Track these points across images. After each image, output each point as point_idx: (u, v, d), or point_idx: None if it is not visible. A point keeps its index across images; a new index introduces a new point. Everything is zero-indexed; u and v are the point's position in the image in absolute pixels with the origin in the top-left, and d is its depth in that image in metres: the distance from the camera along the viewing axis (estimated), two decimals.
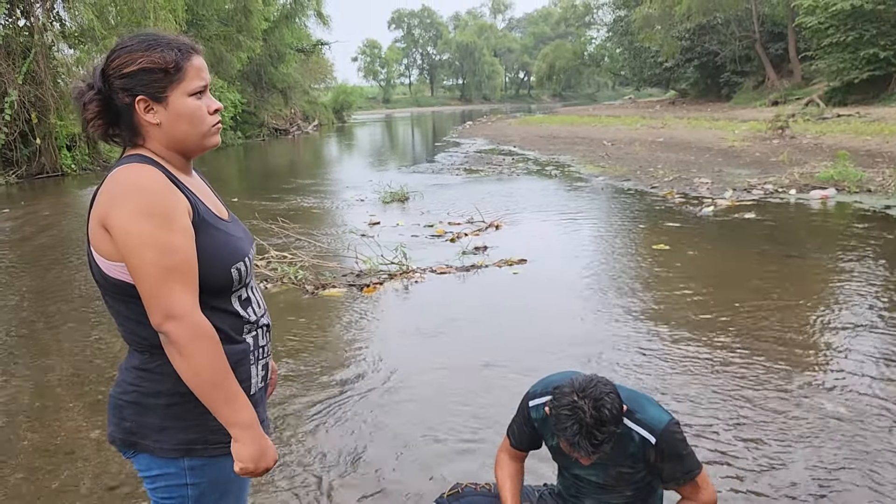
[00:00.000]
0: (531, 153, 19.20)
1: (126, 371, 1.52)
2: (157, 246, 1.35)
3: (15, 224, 10.70)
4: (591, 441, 1.92)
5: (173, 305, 1.35)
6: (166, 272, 1.35)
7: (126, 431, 1.50)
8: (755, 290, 5.52)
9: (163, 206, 1.38)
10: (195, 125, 1.49)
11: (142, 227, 1.35)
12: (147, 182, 1.39)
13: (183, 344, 1.36)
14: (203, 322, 1.39)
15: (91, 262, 1.47)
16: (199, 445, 1.48)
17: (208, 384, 1.39)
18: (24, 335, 5.29)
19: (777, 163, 13.06)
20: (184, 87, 1.46)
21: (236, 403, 1.42)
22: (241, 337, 1.53)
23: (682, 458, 2.05)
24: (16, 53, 17.01)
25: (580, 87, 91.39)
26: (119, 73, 1.44)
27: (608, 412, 1.91)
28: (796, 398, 3.63)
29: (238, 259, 1.50)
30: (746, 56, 37.00)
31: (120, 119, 1.48)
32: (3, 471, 3.23)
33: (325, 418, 3.66)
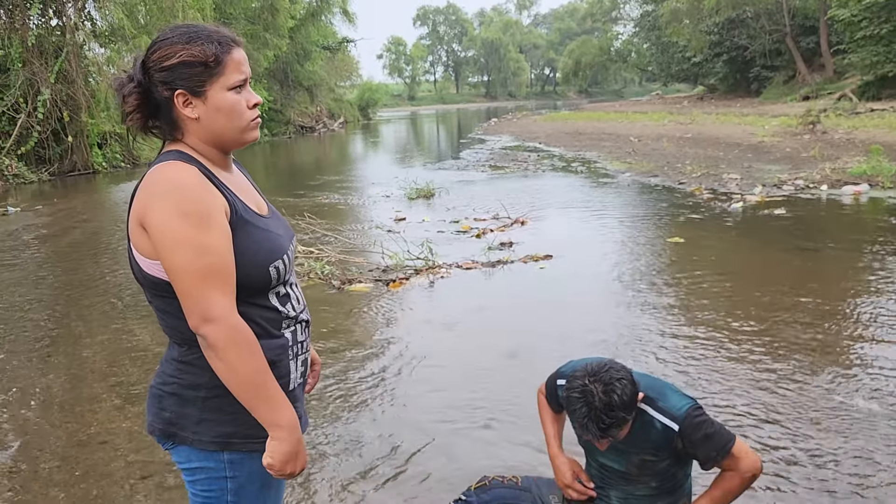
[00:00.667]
0: (556, 150, 19.11)
1: (166, 363, 1.52)
2: (193, 246, 1.33)
3: (49, 220, 10.91)
4: (598, 424, 1.96)
5: (210, 308, 1.34)
6: (202, 273, 1.34)
7: (165, 422, 1.49)
8: (785, 285, 5.44)
9: (199, 205, 1.36)
10: (234, 120, 1.46)
11: (177, 226, 1.33)
12: (184, 180, 1.38)
13: (220, 347, 1.35)
14: (240, 325, 1.37)
15: (131, 259, 1.47)
16: (237, 439, 1.47)
17: (246, 386, 1.38)
18: (59, 328, 5.39)
19: (808, 158, 12.85)
20: (223, 81, 1.44)
21: (276, 404, 1.41)
22: (279, 332, 1.51)
23: (711, 437, 2.03)
24: (48, 53, 17.32)
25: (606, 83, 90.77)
26: (159, 66, 1.42)
27: (617, 397, 1.94)
28: (826, 393, 3.57)
29: (276, 257, 1.48)
30: (777, 50, 36.43)
31: (159, 112, 1.47)
32: (38, 459, 3.30)
33: (350, 409, 3.69)
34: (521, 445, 3.22)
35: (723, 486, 2.09)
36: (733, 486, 2.07)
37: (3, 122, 16.87)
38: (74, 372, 4.46)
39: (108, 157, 19.16)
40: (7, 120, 16.91)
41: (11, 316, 5.70)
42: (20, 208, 12.12)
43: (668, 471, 2.13)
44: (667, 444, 2.05)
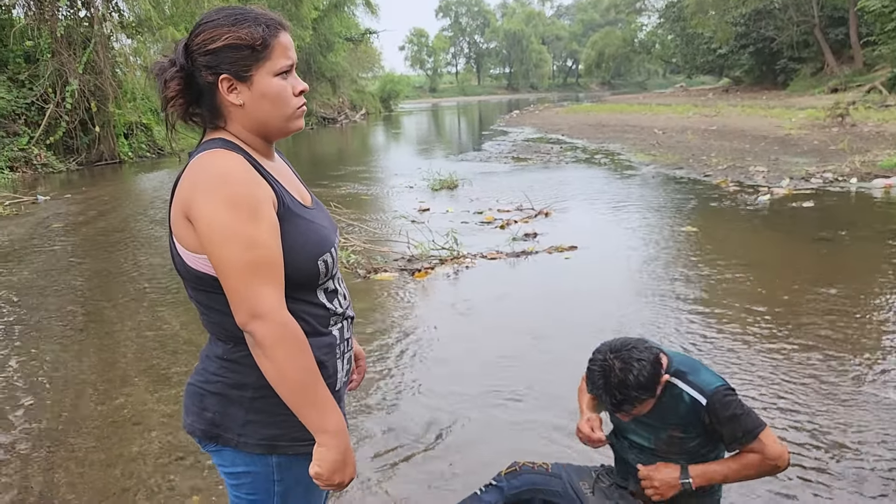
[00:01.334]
0: (579, 141, 19.01)
1: (208, 360, 1.45)
2: (242, 240, 1.27)
3: (78, 208, 11.08)
4: (611, 398, 2.03)
5: (259, 304, 1.27)
6: (251, 268, 1.27)
7: (208, 423, 1.43)
8: (813, 278, 5.39)
9: (248, 196, 1.29)
10: (279, 107, 1.39)
11: (225, 219, 1.26)
12: (231, 170, 1.31)
13: (269, 345, 1.28)
14: (290, 322, 1.30)
15: (173, 252, 1.40)
16: (284, 442, 1.40)
17: (295, 387, 1.31)
18: (91, 313, 5.49)
19: (836, 151, 12.67)
20: (270, 65, 1.37)
21: (324, 408, 1.34)
22: (326, 329, 1.45)
23: (739, 417, 2.02)
24: (76, 44, 17.52)
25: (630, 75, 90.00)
26: (203, 50, 1.35)
27: (633, 377, 1.99)
28: (855, 385, 3.54)
29: (324, 250, 1.42)
30: (804, 42, 35.86)
31: (202, 98, 1.40)
32: (75, 439, 3.38)
33: (376, 395, 3.72)
34: (552, 430, 3.23)
35: (742, 460, 2.07)
36: (752, 463, 2.05)
37: (33, 113, 17.12)
38: (107, 356, 4.54)
39: (134, 147, 19.38)
40: (36, 110, 17.16)
41: (44, 302, 5.81)
42: (49, 197, 12.32)
43: (698, 451, 2.13)
44: (695, 418, 2.06)
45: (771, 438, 2.05)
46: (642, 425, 2.17)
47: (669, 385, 2.09)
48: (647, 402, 2.07)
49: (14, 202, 11.43)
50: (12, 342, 4.83)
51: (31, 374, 4.25)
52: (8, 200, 11.44)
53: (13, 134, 16.47)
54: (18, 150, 16.27)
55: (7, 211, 10.62)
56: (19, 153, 16.24)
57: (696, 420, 2.06)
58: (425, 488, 2.85)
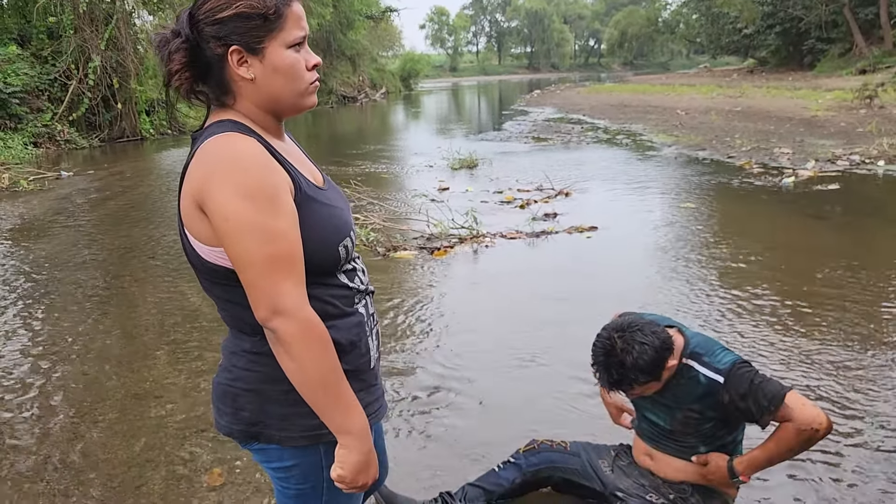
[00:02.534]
0: (601, 122, 18.82)
1: (234, 356, 1.38)
2: (261, 232, 1.19)
3: (100, 184, 11.18)
4: (608, 376, 2.05)
5: (280, 299, 1.21)
6: (271, 261, 1.20)
7: (246, 422, 1.37)
8: (839, 261, 5.31)
9: (265, 185, 1.21)
10: (293, 81, 1.31)
11: (243, 210, 1.19)
12: (247, 156, 1.22)
13: (292, 342, 1.22)
14: (313, 317, 1.24)
15: (185, 244, 1.32)
16: (325, 429, 1.34)
17: (318, 386, 1.26)
18: (113, 287, 5.55)
19: (864, 133, 12.43)
20: (283, 36, 1.28)
21: (348, 407, 1.29)
22: (352, 308, 1.39)
23: (760, 386, 1.96)
24: (98, 20, 17.58)
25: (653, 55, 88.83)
26: (211, 19, 1.26)
27: (632, 359, 1.99)
28: (881, 370, 3.50)
29: (345, 234, 1.36)
30: (833, 22, 35.07)
31: (209, 73, 1.30)
32: (99, 410, 3.43)
33: (398, 372, 3.74)
34: (571, 411, 3.23)
35: (778, 436, 1.96)
36: (789, 436, 1.92)
37: (56, 89, 17.25)
38: (129, 329, 4.60)
39: (155, 124, 19.49)
40: (59, 86, 17.28)
41: (68, 276, 5.88)
42: (73, 173, 12.43)
43: (713, 433, 2.12)
44: (713, 399, 2.03)
45: (799, 401, 1.93)
46: (659, 405, 2.16)
47: (686, 367, 2.07)
48: (650, 385, 2.06)
49: (38, 177, 11.55)
50: (35, 315, 4.90)
51: (54, 345, 4.32)
52: (32, 175, 11.57)
53: (37, 110, 16.62)
54: (42, 125, 16.43)
55: (31, 186, 10.74)
56: (43, 129, 16.40)
57: (713, 401, 2.03)
58: (448, 457, 2.86)
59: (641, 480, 2.25)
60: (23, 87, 16.12)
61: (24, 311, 4.99)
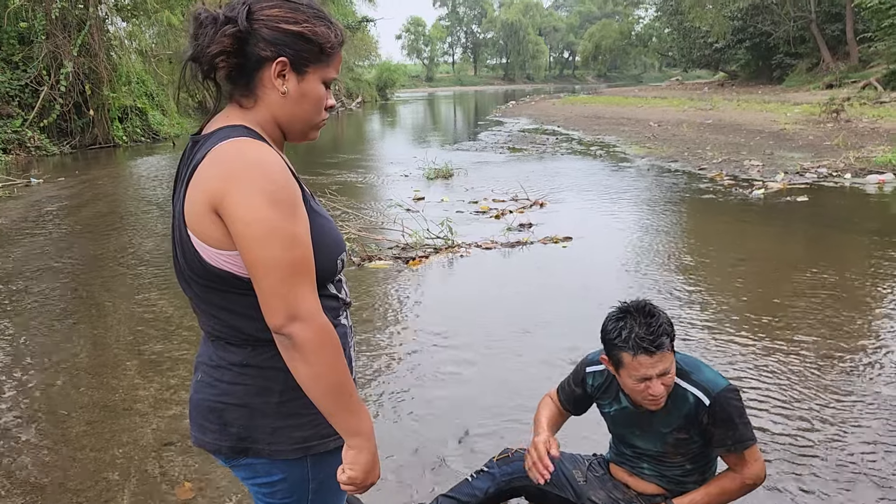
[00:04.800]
0: (575, 133, 18.99)
1: (220, 370, 1.35)
2: (285, 238, 1.20)
3: (71, 192, 11.01)
4: (647, 329, 1.94)
5: (299, 305, 1.21)
6: (293, 268, 1.21)
7: (234, 438, 1.35)
8: (806, 272, 5.41)
9: (288, 192, 1.22)
10: (312, 113, 1.36)
11: (270, 215, 1.19)
12: (270, 163, 1.23)
13: (309, 349, 1.22)
14: (328, 324, 1.25)
15: (185, 247, 1.29)
16: (315, 441, 1.36)
17: (333, 390, 1.26)
18: (83, 297, 5.46)
19: (831, 146, 12.69)
20: (324, 72, 1.34)
21: (359, 411, 1.31)
22: (337, 320, 1.39)
23: (736, 425, 2.02)
24: (71, 26, 17.35)
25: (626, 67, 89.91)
26: (275, 25, 1.28)
27: (659, 312, 1.99)
28: (846, 378, 3.56)
29: (343, 248, 1.40)
30: (801, 37, 35.84)
31: (242, 70, 1.30)
32: (66, 423, 3.37)
33: (367, 386, 3.72)
34: None
35: (722, 484, 2.10)
36: (733, 488, 2.08)
37: (27, 95, 16.97)
38: (99, 340, 4.53)
39: (129, 131, 19.24)
40: (30, 92, 17.01)
41: (37, 285, 5.78)
42: (43, 180, 12.23)
43: (703, 452, 2.14)
44: (695, 418, 2.05)
45: (755, 455, 2.06)
46: (650, 431, 2.15)
47: (674, 385, 2.08)
48: (672, 360, 2.00)
49: (7, 184, 11.35)
50: (2, 324, 4.81)
51: (23, 356, 4.24)
52: (1, 183, 11.36)
53: (6, 116, 16.34)
54: (12, 132, 16.14)
55: (0, 193, 10.56)
56: (13, 135, 16.11)
57: (696, 420, 2.05)
58: (420, 470, 2.86)
59: (615, 493, 2.27)
60: None
61: None
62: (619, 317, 2.02)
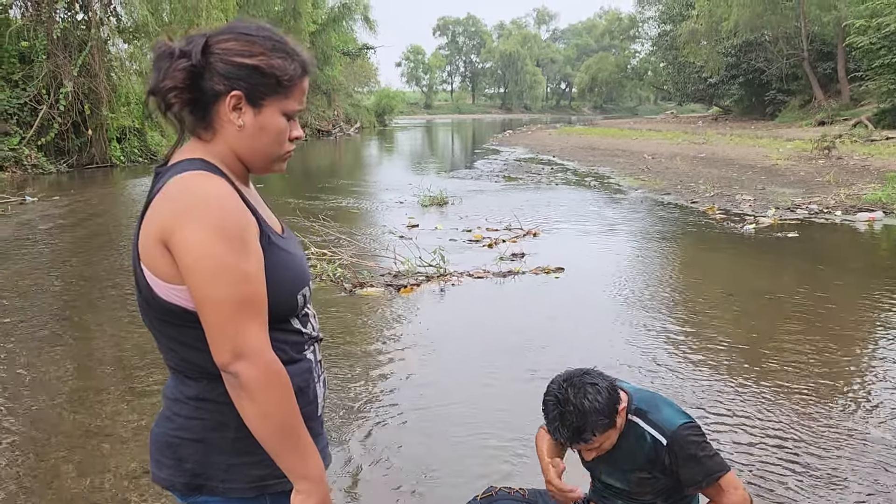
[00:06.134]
0: (570, 163, 19.12)
1: (177, 403, 1.32)
2: (233, 274, 1.18)
3: (65, 211, 10.99)
4: (567, 427, 1.96)
5: (245, 343, 1.18)
6: (240, 305, 1.18)
7: (189, 474, 1.31)
8: (795, 309, 5.42)
9: (239, 227, 1.20)
10: (273, 145, 1.32)
11: (217, 251, 1.17)
12: (221, 197, 1.21)
13: (255, 388, 1.19)
14: (276, 362, 1.22)
15: (139, 280, 1.28)
16: (272, 480, 1.31)
17: (278, 431, 1.22)
18: (70, 319, 5.43)
19: (822, 183, 12.80)
20: (285, 103, 1.30)
21: (307, 453, 1.26)
22: (301, 355, 1.36)
23: (699, 459, 1.98)
24: (72, 46, 17.49)
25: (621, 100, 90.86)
26: (228, 59, 1.25)
27: (588, 402, 1.94)
28: (835, 420, 3.55)
29: (304, 283, 1.35)
30: (793, 74, 36.32)
31: (198, 103, 1.28)
32: (45, 448, 3.33)
33: (355, 416, 3.69)
34: (527, 459, 3.21)
35: None
36: None
37: (25, 113, 17.04)
38: (83, 363, 4.49)
39: (126, 151, 19.30)
40: (29, 111, 17.08)
41: (24, 304, 5.74)
42: (38, 198, 12.22)
43: (672, 489, 2.11)
44: (657, 458, 2.02)
45: (732, 484, 1.99)
46: (613, 468, 2.13)
47: (633, 425, 2.05)
48: (608, 435, 2.01)
49: (1, 202, 11.33)
50: None
51: (5, 378, 4.19)
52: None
53: (4, 134, 16.39)
54: (9, 149, 16.18)
55: None
56: (10, 153, 16.15)
57: (658, 460, 2.03)
58: None
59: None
60: None
61: None
62: (551, 400, 2.01)
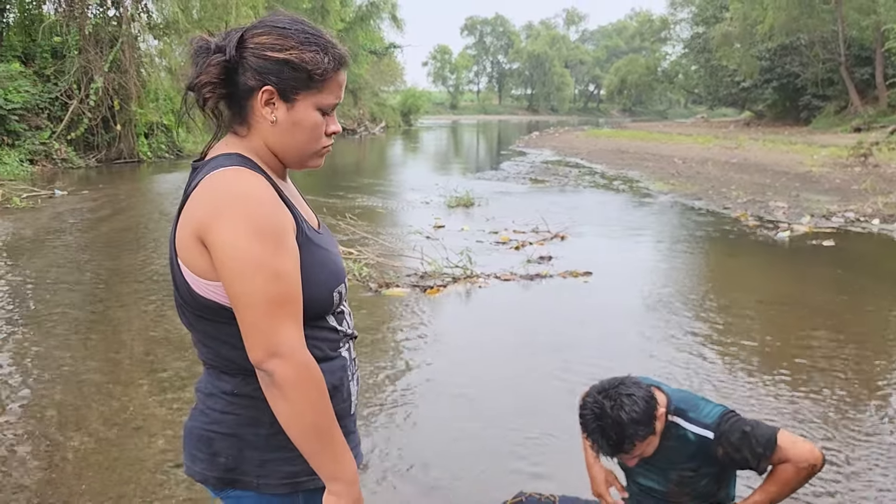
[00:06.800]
0: (598, 166, 18.96)
1: (212, 398, 1.33)
2: (268, 272, 1.18)
3: (93, 205, 11.12)
4: (607, 440, 1.96)
5: (280, 342, 1.18)
6: (275, 303, 1.18)
7: (222, 469, 1.31)
8: (828, 318, 5.28)
9: (275, 224, 1.20)
10: (307, 141, 1.31)
11: (253, 248, 1.17)
12: (257, 193, 1.21)
13: (289, 386, 1.19)
14: (311, 362, 1.22)
15: (176, 276, 1.28)
16: (304, 477, 1.31)
17: (312, 431, 1.22)
18: (99, 312, 5.46)
19: (859, 191, 12.53)
20: (318, 98, 1.28)
21: (340, 453, 1.25)
22: (336, 353, 1.36)
23: (751, 434, 1.96)
24: (104, 42, 17.73)
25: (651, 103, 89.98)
26: (261, 54, 1.24)
27: (625, 414, 1.94)
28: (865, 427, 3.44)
29: (340, 280, 1.35)
30: (829, 79, 35.70)
31: (233, 98, 1.28)
32: (73, 440, 3.33)
33: (380, 415, 3.65)
34: (560, 466, 3.14)
35: (776, 478, 1.99)
36: (788, 476, 1.97)
37: (56, 108, 17.30)
38: (112, 356, 4.50)
39: (154, 147, 19.53)
40: (60, 105, 17.33)
41: (53, 297, 5.79)
42: (67, 192, 12.38)
43: (709, 489, 2.08)
44: (707, 454, 2.00)
45: (790, 439, 1.98)
46: (652, 469, 2.11)
47: (673, 426, 2.04)
48: (649, 441, 2.00)
49: (31, 195, 11.49)
50: (18, 337, 4.80)
51: (35, 370, 4.21)
52: (25, 193, 11.50)
53: (35, 127, 16.63)
54: (40, 143, 16.43)
55: (24, 203, 10.67)
56: (40, 147, 16.39)
57: (707, 456, 2.01)
58: None
59: None
60: (23, 104, 16.15)
61: (4, 329, 4.89)
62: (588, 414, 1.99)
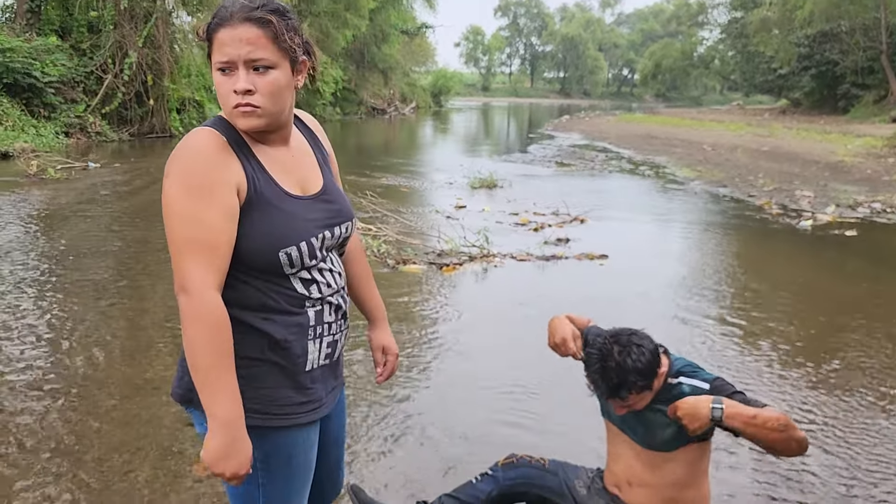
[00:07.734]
0: (626, 151, 18.84)
1: None
2: (184, 216, 1.34)
3: (125, 178, 11.39)
4: (607, 382, 2.02)
5: (186, 278, 1.33)
6: (186, 244, 1.34)
7: (185, 387, 1.48)
8: (848, 308, 5.28)
9: (203, 177, 1.35)
10: (223, 101, 1.42)
11: (176, 194, 1.35)
12: (195, 149, 1.38)
13: (187, 320, 1.33)
14: (211, 302, 1.33)
15: None
16: (257, 414, 1.44)
17: (198, 364, 1.34)
18: (124, 279, 5.66)
19: (890, 182, 12.33)
20: (214, 59, 1.41)
21: (219, 393, 1.34)
22: (300, 310, 1.47)
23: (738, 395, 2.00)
24: (138, 17, 17.98)
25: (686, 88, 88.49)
26: None
27: (632, 361, 2.00)
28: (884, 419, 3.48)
29: (288, 243, 1.42)
30: (870, 68, 34.77)
31: None
32: (98, 396, 3.51)
33: (391, 385, 3.77)
34: (556, 435, 3.25)
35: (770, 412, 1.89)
36: (780, 417, 1.87)
37: (91, 82, 17.62)
38: (136, 321, 4.69)
39: (185, 122, 19.79)
40: (95, 79, 17.66)
41: (84, 264, 6.01)
42: (100, 164, 12.68)
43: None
44: None
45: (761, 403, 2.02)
46: (636, 422, 2.17)
47: (672, 386, 2.11)
48: (644, 396, 2.07)
49: (66, 167, 11.79)
50: (48, 298, 5.02)
51: (63, 330, 4.42)
52: (60, 164, 11.81)
53: (71, 101, 16.98)
54: (75, 116, 16.78)
55: (59, 175, 10.96)
56: (75, 120, 16.74)
57: None
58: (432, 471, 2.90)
59: None
60: (59, 77, 16.48)
61: (37, 294, 5.11)
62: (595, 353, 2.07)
